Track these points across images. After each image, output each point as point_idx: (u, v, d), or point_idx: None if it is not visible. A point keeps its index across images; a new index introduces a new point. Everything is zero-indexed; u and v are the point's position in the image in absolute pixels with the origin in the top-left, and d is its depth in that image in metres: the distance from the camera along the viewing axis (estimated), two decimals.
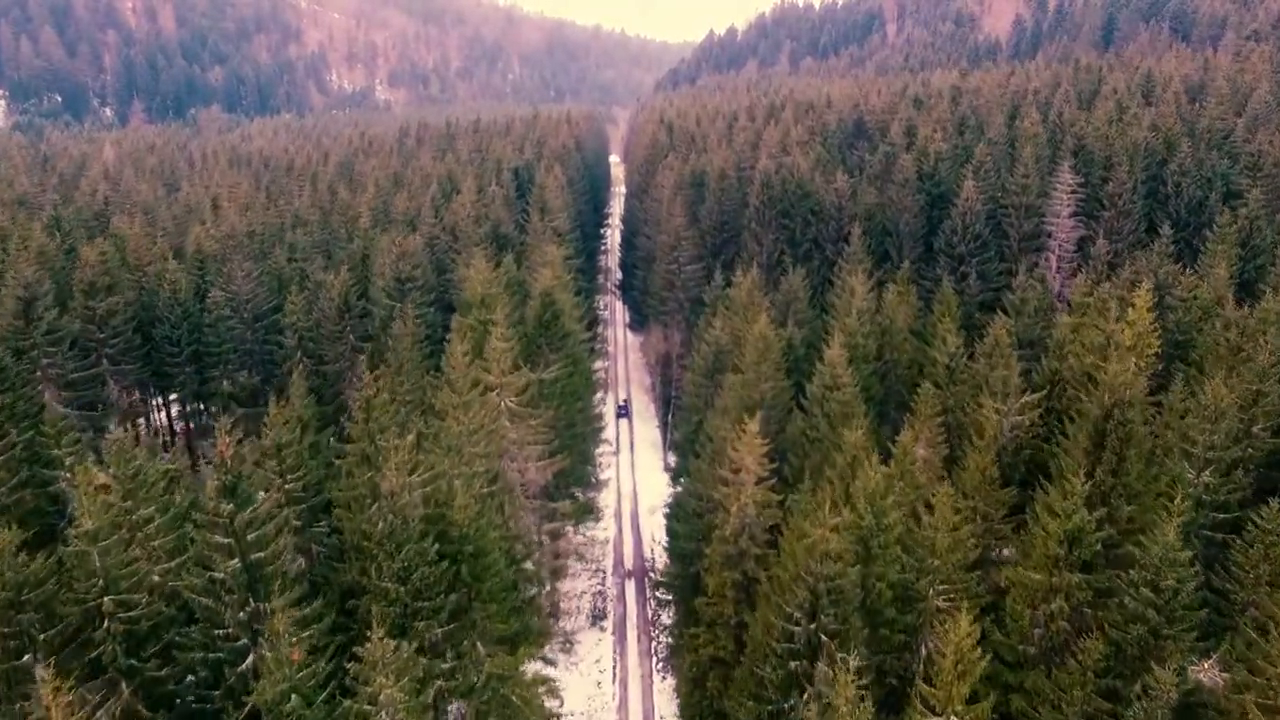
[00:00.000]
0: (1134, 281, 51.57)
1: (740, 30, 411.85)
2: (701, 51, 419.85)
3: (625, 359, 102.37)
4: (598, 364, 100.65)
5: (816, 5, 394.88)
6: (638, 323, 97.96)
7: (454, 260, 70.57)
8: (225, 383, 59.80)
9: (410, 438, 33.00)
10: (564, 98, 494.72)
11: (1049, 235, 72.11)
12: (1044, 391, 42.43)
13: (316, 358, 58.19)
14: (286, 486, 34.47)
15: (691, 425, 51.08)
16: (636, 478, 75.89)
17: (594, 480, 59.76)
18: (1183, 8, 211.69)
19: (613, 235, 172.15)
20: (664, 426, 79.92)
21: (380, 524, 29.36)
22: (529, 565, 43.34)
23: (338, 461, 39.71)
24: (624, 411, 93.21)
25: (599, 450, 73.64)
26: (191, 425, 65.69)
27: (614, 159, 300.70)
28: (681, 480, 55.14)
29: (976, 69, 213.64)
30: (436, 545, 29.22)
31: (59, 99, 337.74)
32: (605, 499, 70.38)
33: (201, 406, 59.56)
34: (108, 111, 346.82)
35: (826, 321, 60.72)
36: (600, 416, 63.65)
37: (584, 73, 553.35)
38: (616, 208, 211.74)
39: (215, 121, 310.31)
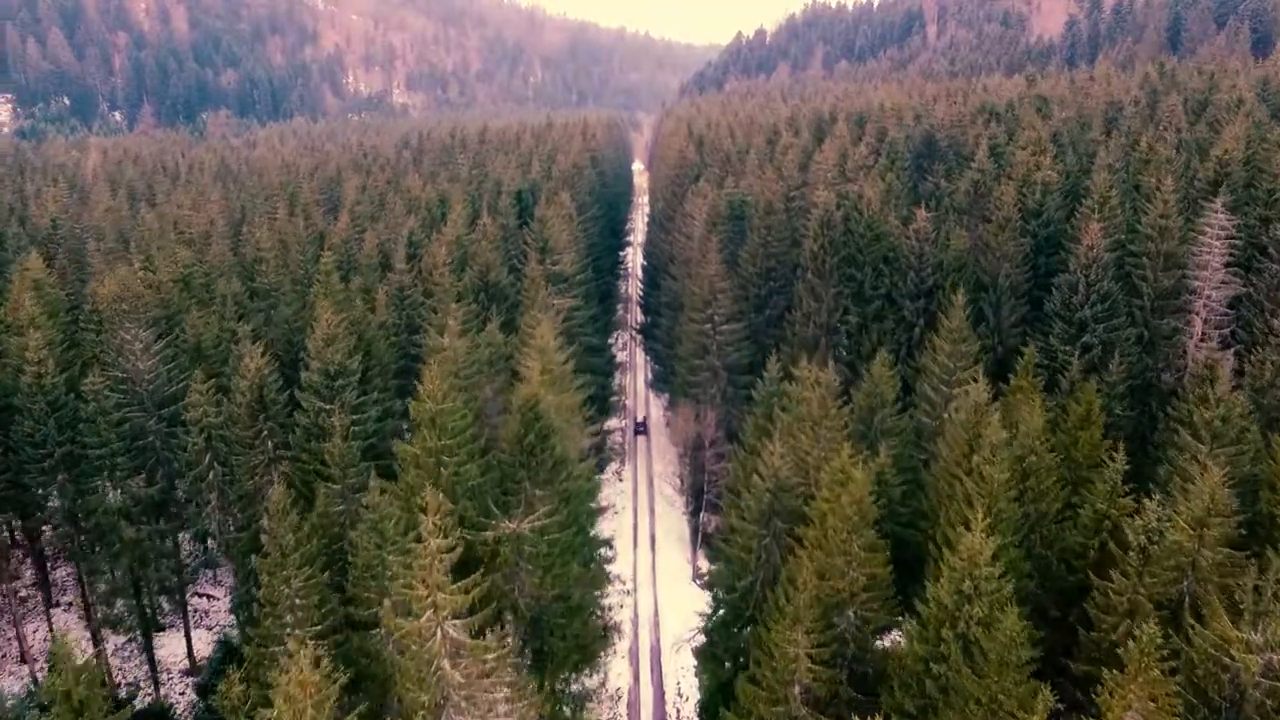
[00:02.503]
0: None
1: (769, 32, 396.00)
2: (729, 54, 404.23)
3: (648, 440, 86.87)
4: (613, 423, 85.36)
5: (850, 6, 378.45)
6: (661, 376, 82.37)
7: (427, 319, 55.39)
8: (113, 495, 44.88)
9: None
10: (586, 101, 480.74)
11: (1193, 292, 55.64)
12: None
13: (229, 465, 43.19)
14: None
15: (736, 604, 35.35)
16: (659, 592, 60.28)
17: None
18: (1263, 5, 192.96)
19: (634, 255, 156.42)
20: (693, 519, 64.21)
21: None
22: None
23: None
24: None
25: (611, 534, 58.24)
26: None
27: (637, 166, 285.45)
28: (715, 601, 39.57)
29: (1024, 73, 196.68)
30: None
31: (67, 103, 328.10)
32: (619, 615, 54.93)
33: (81, 525, 44.67)
34: (117, 116, 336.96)
35: (917, 423, 44.84)
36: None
37: (607, 76, 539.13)
38: (639, 221, 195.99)
39: (223, 126, 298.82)
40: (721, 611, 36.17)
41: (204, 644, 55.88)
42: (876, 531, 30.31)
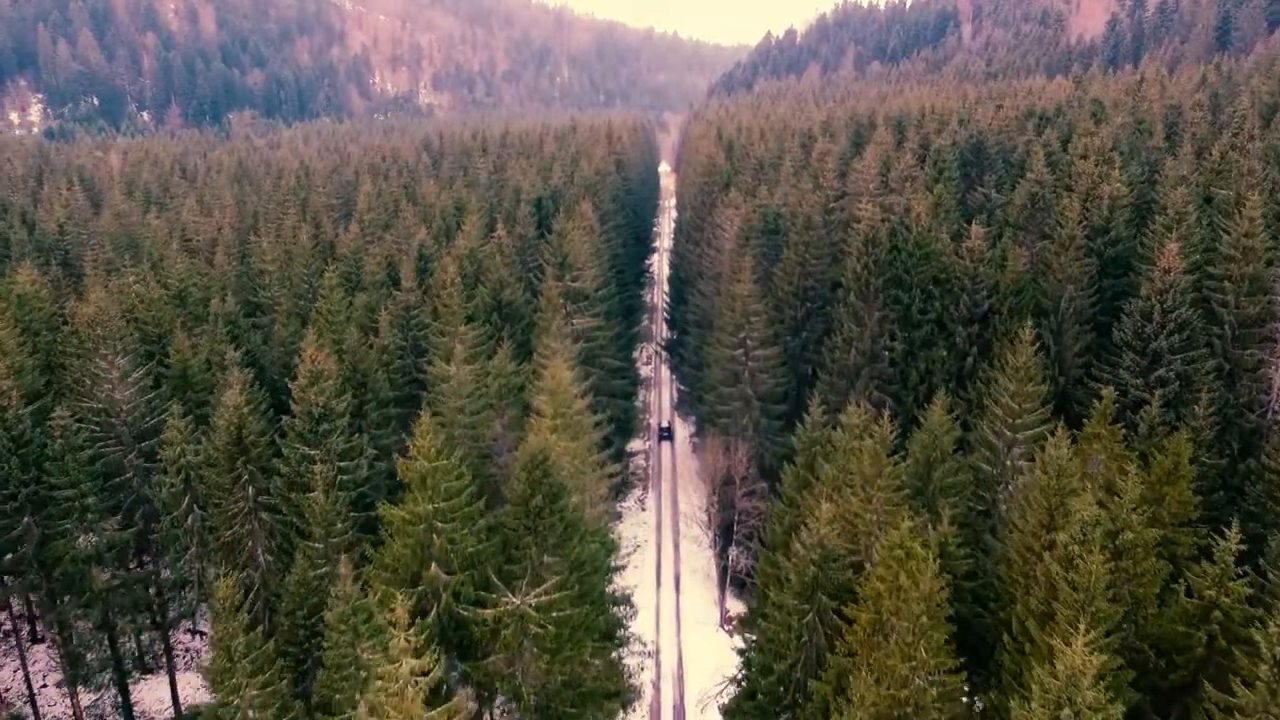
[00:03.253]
0: None
1: (799, 32, 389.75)
2: (758, 55, 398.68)
3: (672, 446, 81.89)
4: (636, 444, 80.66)
5: (881, 5, 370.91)
6: (687, 399, 77.62)
7: (434, 343, 51.01)
8: (84, 539, 40.79)
9: None
10: (614, 101, 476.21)
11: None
12: None
13: (209, 510, 39.00)
14: None
15: (774, 689, 30.42)
16: (683, 639, 55.50)
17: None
18: None
19: (660, 261, 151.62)
20: (720, 558, 59.34)
21: None
22: None
23: None
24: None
25: (632, 584, 53.44)
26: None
27: (664, 168, 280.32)
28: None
29: (1069, 74, 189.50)
30: None
31: (95, 103, 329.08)
32: (639, 677, 50.12)
33: (45, 576, 40.62)
34: (144, 116, 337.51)
35: (977, 471, 39.68)
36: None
37: (635, 76, 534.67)
38: (665, 225, 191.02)
39: (247, 126, 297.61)
40: (758, 698, 31.32)
41: (193, 688, 51.92)
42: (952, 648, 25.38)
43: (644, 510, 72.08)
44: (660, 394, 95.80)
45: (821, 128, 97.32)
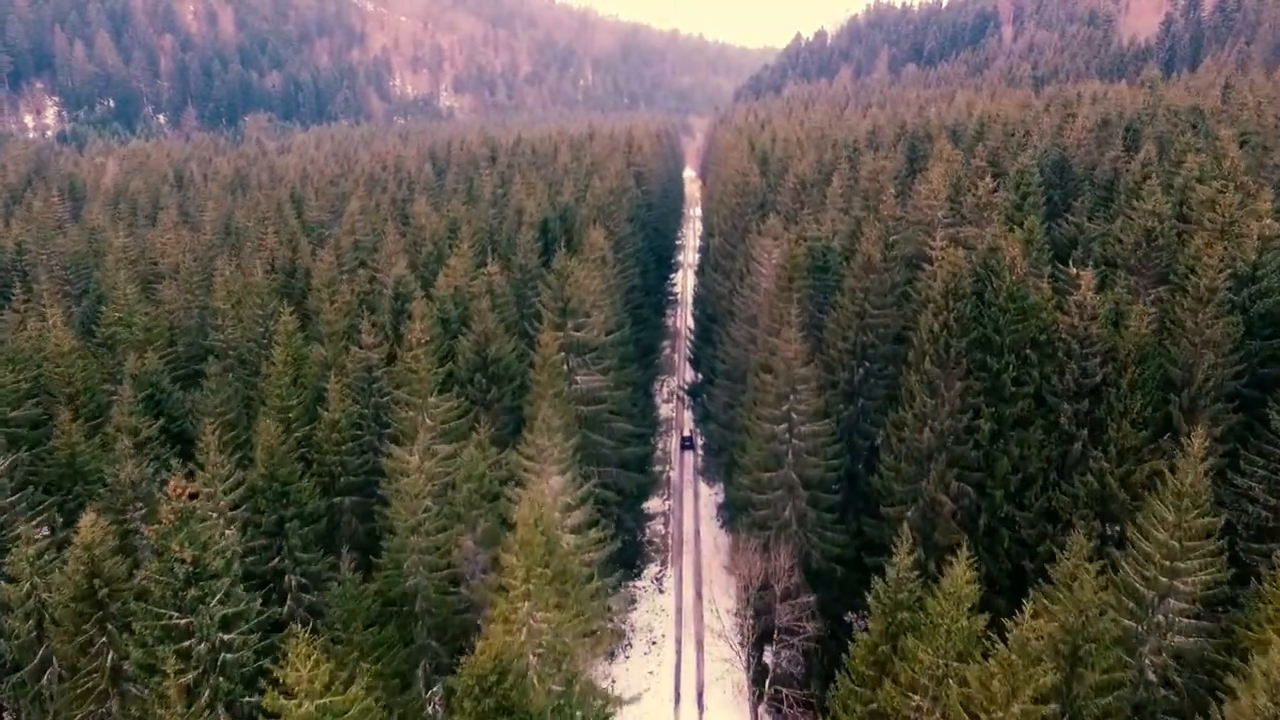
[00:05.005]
0: None
1: (830, 34, 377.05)
2: (786, 57, 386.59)
3: (694, 510, 70.65)
4: (654, 503, 69.72)
5: (915, 6, 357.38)
6: (712, 457, 66.77)
7: (398, 419, 40.52)
8: None
9: None
10: (637, 104, 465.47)
11: None
12: None
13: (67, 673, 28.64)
14: None
15: None
16: None
17: None
18: None
19: (685, 279, 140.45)
20: (754, 682, 48.13)
21: None
22: None
23: None
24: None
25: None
26: None
27: (689, 173, 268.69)
28: None
29: (1120, 78, 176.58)
30: None
31: (111, 105, 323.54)
32: None
33: None
34: (160, 119, 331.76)
35: (1117, 627, 28.41)
36: None
37: (659, 79, 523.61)
38: (690, 236, 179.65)
39: (260, 130, 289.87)
40: None
41: None
42: None
43: (662, 593, 61.17)
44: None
45: (867, 139, 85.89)
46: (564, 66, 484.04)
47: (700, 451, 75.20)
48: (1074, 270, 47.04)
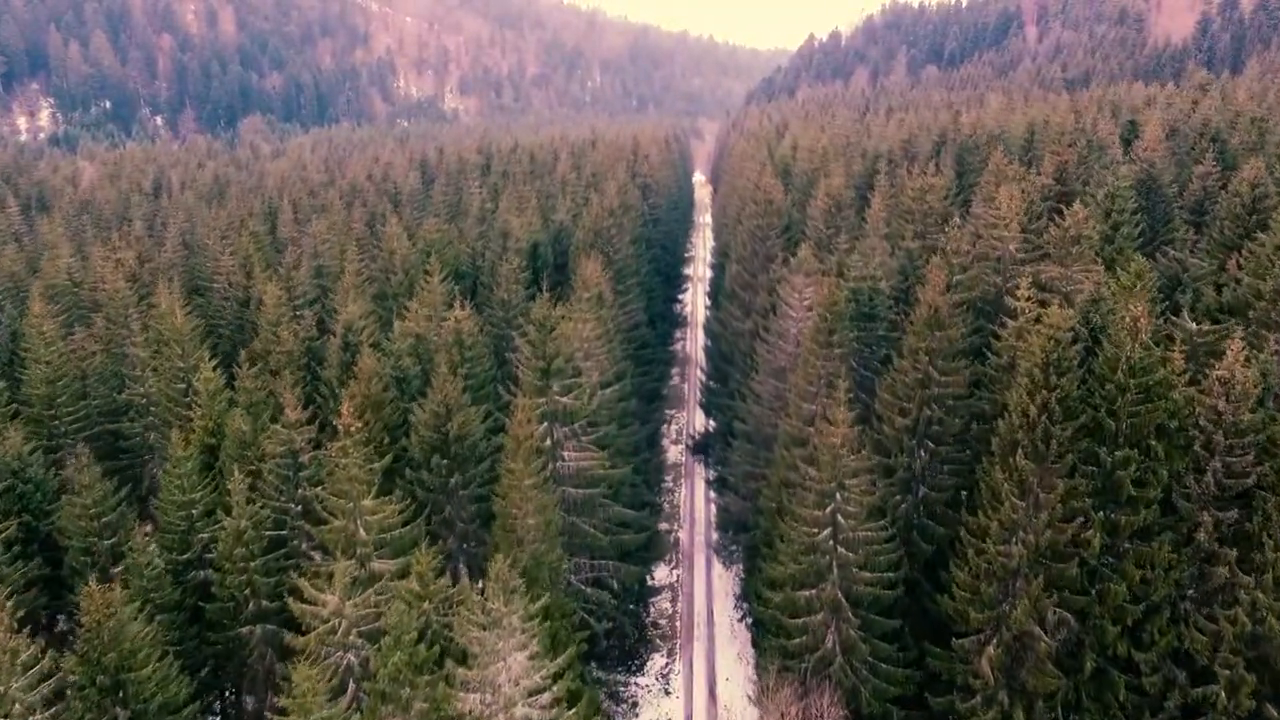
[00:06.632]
0: None
1: (845, 35, 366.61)
2: (800, 58, 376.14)
3: (707, 580, 60.59)
4: (660, 572, 59.89)
5: (934, 5, 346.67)
6: (728, 534, 56.92)
7: (321, 534, 30.82)
8: None
9: None
10: (646, 107, 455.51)
11: None
12: None
13: None
14: None
15: None
16: None
17: None
18: None
19: (695, 295, 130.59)
20: None
21: None
22: None
23: None
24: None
25: None
26: None
27: (699, 177, 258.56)
28: None
29: (1157, 80, 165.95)
30: None
31: (108, 107, 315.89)
32: None
33: None
34: (158, 120, 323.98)
35: None
36: None
37: (669, 81, 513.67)
38: (700, 247, 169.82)
39: (256, 133, 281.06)
40: None
41: None
42: None
43: (669, 694, 51.22)
44: (693, 489, 74.75)
45: (903, 148, 75.84)
46: (571, 68, 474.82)
47: (714, 519, 65.18)
48: (1191, 324, 37.26)
